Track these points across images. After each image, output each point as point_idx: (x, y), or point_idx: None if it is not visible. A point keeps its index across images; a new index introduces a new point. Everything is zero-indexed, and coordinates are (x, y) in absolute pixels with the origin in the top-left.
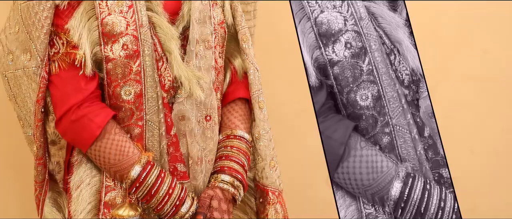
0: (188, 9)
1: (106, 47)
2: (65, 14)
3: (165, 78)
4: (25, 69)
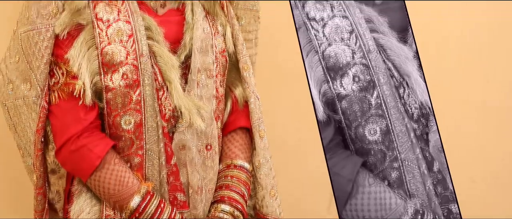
0: (190, 38)
1: (106, 77)
2: (65, 44)
3: (165, 107)
4: (25, 99)
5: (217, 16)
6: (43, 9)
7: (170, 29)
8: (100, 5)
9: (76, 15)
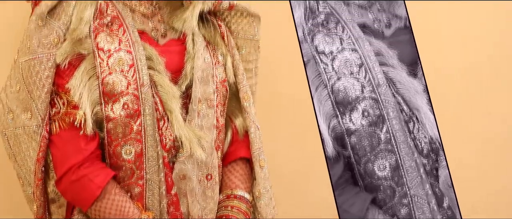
0: (191, 68)
1: (106, 106)
2: (65, 73)
3: (166, 137)
4: (26, 128)
5: (217, 46)
6: (44, 39)
7: (171, 59)
8: (101, 35)
9: (77, 44)
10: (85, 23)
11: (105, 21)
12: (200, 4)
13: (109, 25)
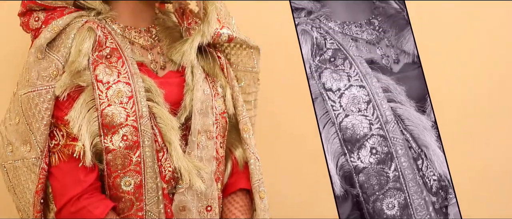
0: (190, 100)
1: (106, 138)
2: (64, 105)
3: (165, 169)
4: (25, 160)
5: (217, 77)
6: (43, 71)
7: (170, 90)
8: (100, 67)
9: (76, 77)
10: (84, 55)
11: (104, 53)
12: (199, 37)
13: (108, 57)
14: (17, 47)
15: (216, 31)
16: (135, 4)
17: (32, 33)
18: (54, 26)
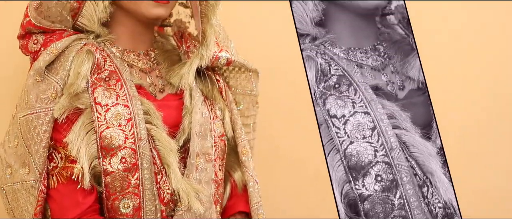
0: (189, 122)
1: (104, 160)
2: (63, 128)
3: (164, 191)
4: (24, 183)
5: (215, 100)
6: (42, 94)
7: (169, 113)
8: (99, 89)
9: (74, 99)
10: (82, 78)
11: (103, 75)
12: (198, 60)
13: (106, 79)
14: (16, 69)
15: (215, 54)
16: (134, 27)
17: (31, 56)
18: (53, 48)
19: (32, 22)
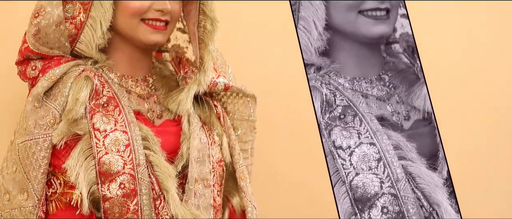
0: (187, 148)
1: (103, 186)
2: (62, 153)
3: (162, 217)
4: (22, 209)
5: (213, 126)
6: (41, 120)
7: (167, 139)
8: (97, 115)
9: (73, 125)
10: (80, 104)
11: (101, 101)
12: (196, 86)
13: (105, 105)
14: (15, 95)
15: (213, 80)
16: (132, 53)
17: (30, 82)
18: (51, 75)
19: (30, 49)
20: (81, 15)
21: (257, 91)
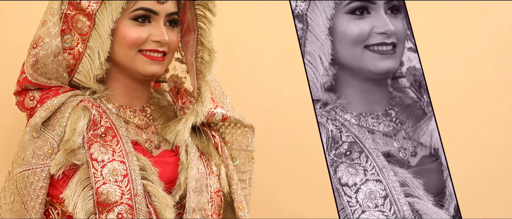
0: (185, 178)
1: (101, 216)
2: (59, 183)
3: None
4: None
5: (211, 156)
6: (38, 150)
7: (165, 169)
8: (95, 145)
9: (71, 155)
10: (78, 134)
11: (99, 132)
12: (193, 116)
13: (102, 136)
14: (13, 126)
15: (210, 110)
16: (129, 84)
17: (28, 112)
18: (49, 105)
19: (29, 79)
20: (79, 46)
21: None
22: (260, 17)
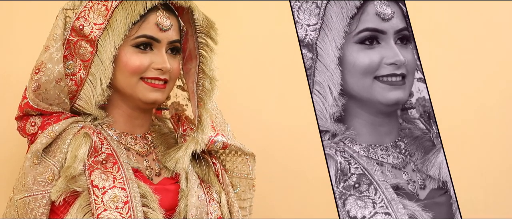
0: (185, 206)
1: None
2: (60, 210)
3: None
4: None
5: (212, 183)
6: (39, 176)
7: (165, 196)
8: (96, 172)
9: (71, 182)
10: (79, 161)
11: (100, 158)
12: (193, 144)
13: (103, 162)
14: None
15: (210, 138)
16: (131, 111)
17: (29, 138)
18: (50, 131)
19: (30, 104)
20: (82, 72)
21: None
22: (263, 44)
